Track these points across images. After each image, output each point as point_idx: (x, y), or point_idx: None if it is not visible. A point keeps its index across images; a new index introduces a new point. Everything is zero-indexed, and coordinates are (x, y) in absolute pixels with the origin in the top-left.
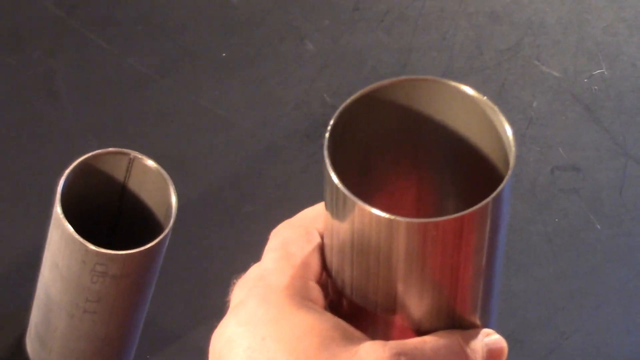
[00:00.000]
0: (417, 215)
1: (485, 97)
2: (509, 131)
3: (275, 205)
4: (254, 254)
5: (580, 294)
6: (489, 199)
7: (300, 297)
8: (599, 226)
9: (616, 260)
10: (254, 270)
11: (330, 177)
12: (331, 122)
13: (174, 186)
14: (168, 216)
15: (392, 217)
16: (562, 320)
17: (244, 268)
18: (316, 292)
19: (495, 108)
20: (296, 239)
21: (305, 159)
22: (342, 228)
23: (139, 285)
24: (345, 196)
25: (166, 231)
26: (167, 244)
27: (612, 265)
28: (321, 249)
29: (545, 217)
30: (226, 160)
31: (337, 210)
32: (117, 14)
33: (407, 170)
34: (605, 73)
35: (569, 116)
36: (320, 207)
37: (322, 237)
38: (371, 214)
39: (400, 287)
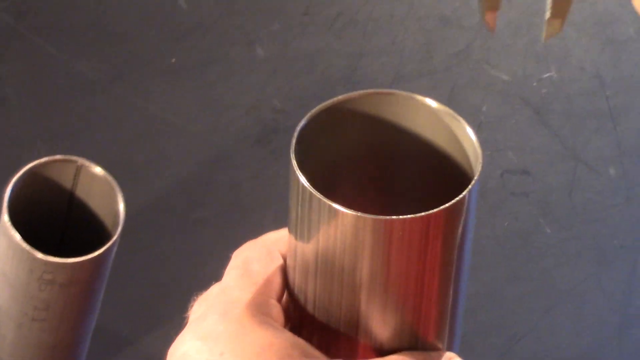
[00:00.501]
0: None
1: (450, 110)
2: (474, 138)
3: (226, 211)
4: (204, 260)
5: (531, 297)
6: (455, 200)
7: (261, 314)
8: (548, 230)
9: (566, 263)
10: (215, 288)
11: (297, 177)
12: (298, 129)
13: (121, 193)
14: (116, 224)
15: (359, 214)
16: (513, 324)
17: (194, 274)
18: (277, 310)
19: (460, 119)
20: (258, 258)
21: (256, 164)
22: (307, 247)
23: (87, 292)
24: (312, 195)
25: (114, 239)
26: (115, 251)
27: (562, 268)
28: (283, 269)
29: (495, 220)
30: (176, 166)
31: (303, 215)
32: (66, 20)
33: (373, 187)
34: (554, 76)
35: (519, 120)
36: (282, 231)
37: (284, 259)
38: (337, 211)
39: (363, 300)
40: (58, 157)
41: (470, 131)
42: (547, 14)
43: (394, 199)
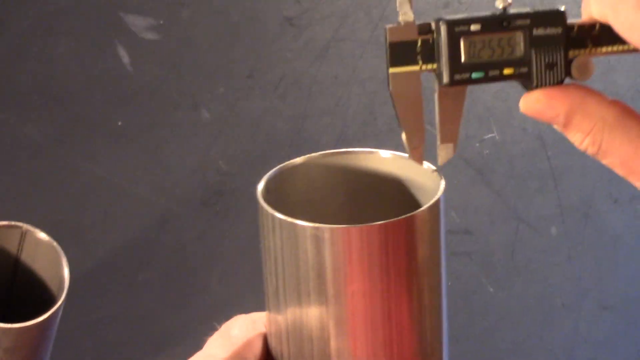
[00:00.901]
0: None
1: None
2: (432, 166)
3: (171, 272)
4: (151, 321)
5: (473, 356)
6: (415, 212)
7: None
8: (491, 289)
9: (509, 322)
10: (198, 353)
11: (265, 211)
12: (266, 178)
13: (66, 258)
14: (61, 288)
15: (317, 225)
16: None
17: (140, 335)
18: None
19: (422, 165)
20: (240, 325)
21: (201, 226)
22: (280, 312)
23: (32, 357)
24: (273, 216)
25: (58, 304)
26: (60, 315)
27: (505, 327)
28: (265, 337)
29: None
30: (122, 228)
31: (271, 240)
32: (12, 83)
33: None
34: (497, 137)
35: (461, 180)
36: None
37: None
38: (297, 225)
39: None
40: (3, 222)
41: (427, 164)
42: (438, 141)
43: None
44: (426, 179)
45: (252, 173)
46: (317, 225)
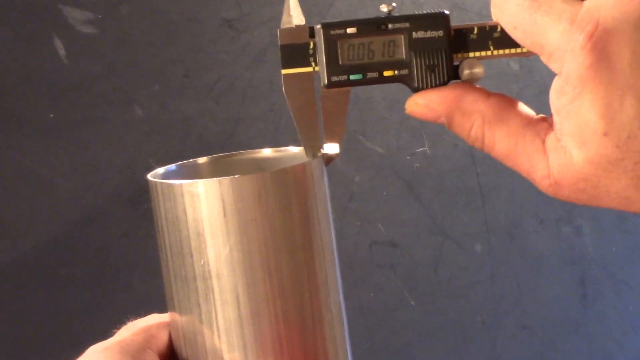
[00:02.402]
0: None
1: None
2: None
3: (94, 269)
4: (69, 318)
5: None
6: (283, 168)
7: (130, 356)
8: (413, 302)
9: (428, 337)
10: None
11: (148, 181)
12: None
13: None
14: None
15: (191, 181)
16: None
17: (60, 331)
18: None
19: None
20: (145, 320)
21: (127, 224)
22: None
23: None
24: (154, 183)
25: None
26: None
27: (424, 341)
28: (169, 329)
29: (361, 291)
30: (46, 222)
31: (158, 210)
32: None
33: None
34: (428, 151)
35: (390, 192)
36: None
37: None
38: (175, 185)
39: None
40: None
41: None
42: (324, 139)
43: None
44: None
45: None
46: (191, 181)
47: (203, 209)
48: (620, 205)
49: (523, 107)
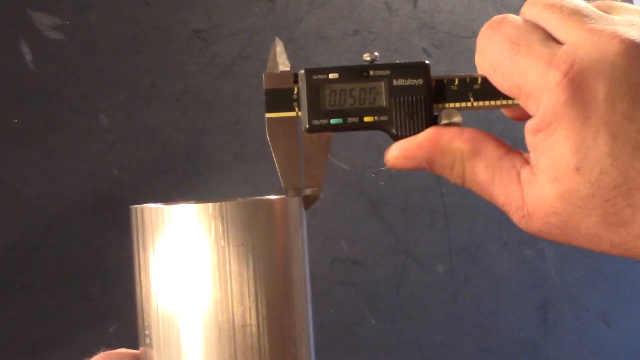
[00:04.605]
0: None
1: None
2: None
3: (53, 277)
4: (25, 326)
5: None
6: (249, 199)
7: None
8: (373, 321)
9: (388, 355)
10: None
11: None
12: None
13: None
14: None
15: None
16: None
17: (14, 338)
18: None
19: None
20: (116, 351)
21: (88, 232)
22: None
23: None
24: (134, 209)
25: None
26: None
27: None
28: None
29: (321, 308)
30: (6, 228)
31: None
32: None
33: None
34: (393, 170)
35: (354, 209)
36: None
37: None
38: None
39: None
40: None
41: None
42: (304, 182)
43: None
44: None
45: (145, 183)
46: (182, 205)
47: (177, 232)
48: (590, 243)
49: (498, 140)
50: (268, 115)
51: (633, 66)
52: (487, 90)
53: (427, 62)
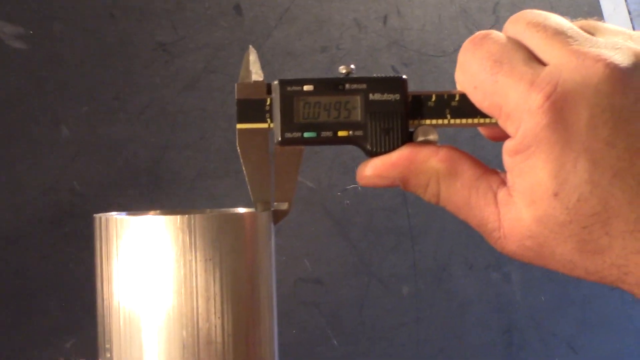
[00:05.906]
0: None
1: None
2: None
3: (9, 292)
4: None
5: None
6: (215, 213)
7: None
8: (335, 342)
9: None
10: None
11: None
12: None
13: None
14: None
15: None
16: None
17: None
18: None
19: None
20: None
21: (47, 247)
22: None
23: None
24: (97, 218)
25: None
26: None
27: None
28: None
29: (284, 328)
30: None
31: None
32: None
33: None
34: (359, 189)
35: (318, 228)
36: None
37: None
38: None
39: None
40: None
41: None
42: (274, 196)
43: None
44: None
45: (106, 197)
46: (150, 216)
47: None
48: (564, 268)
49: (474, 159)
50: (239, 126)
51: (617, 91)
52: (464, 107)
53: (404, 77)
